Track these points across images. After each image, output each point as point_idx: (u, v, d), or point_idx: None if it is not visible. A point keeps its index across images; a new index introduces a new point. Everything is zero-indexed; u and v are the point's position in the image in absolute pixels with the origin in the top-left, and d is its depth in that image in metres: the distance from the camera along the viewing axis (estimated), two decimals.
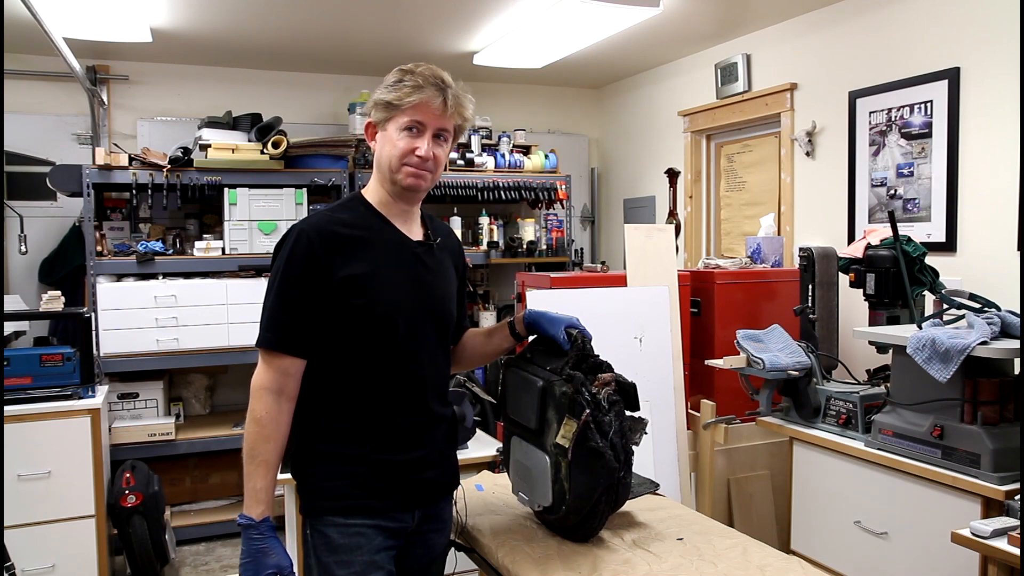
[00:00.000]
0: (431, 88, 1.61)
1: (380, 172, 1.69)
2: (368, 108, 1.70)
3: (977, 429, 2.22)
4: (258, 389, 1.61)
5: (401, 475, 1.67)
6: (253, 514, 1.59)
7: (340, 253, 1.61)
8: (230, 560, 3.92)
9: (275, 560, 1.57)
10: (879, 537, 2.51)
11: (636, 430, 1.78)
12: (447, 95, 1.62)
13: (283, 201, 4.18)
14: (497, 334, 1.89)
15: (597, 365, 1.75)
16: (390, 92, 1.62)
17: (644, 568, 1.64)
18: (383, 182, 1.69)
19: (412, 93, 1.60)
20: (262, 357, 1.62)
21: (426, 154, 1.62)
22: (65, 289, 3.94)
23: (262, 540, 1.58)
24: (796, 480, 2.87)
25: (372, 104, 1.67)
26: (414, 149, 1.62)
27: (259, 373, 1.61)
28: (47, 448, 3.22)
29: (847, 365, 3.02)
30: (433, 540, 1.78)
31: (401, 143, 1.62)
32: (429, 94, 1.60)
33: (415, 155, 1.62)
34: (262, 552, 1.57)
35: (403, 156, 1.63)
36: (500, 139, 4.87)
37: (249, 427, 1.61)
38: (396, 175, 1.65)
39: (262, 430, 1.59)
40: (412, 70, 1.63)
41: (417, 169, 1.64)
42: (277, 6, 3.65)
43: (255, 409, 1.60)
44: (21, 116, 4.34)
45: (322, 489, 1.65)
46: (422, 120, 1.62)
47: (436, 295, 1.73)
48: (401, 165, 1.63)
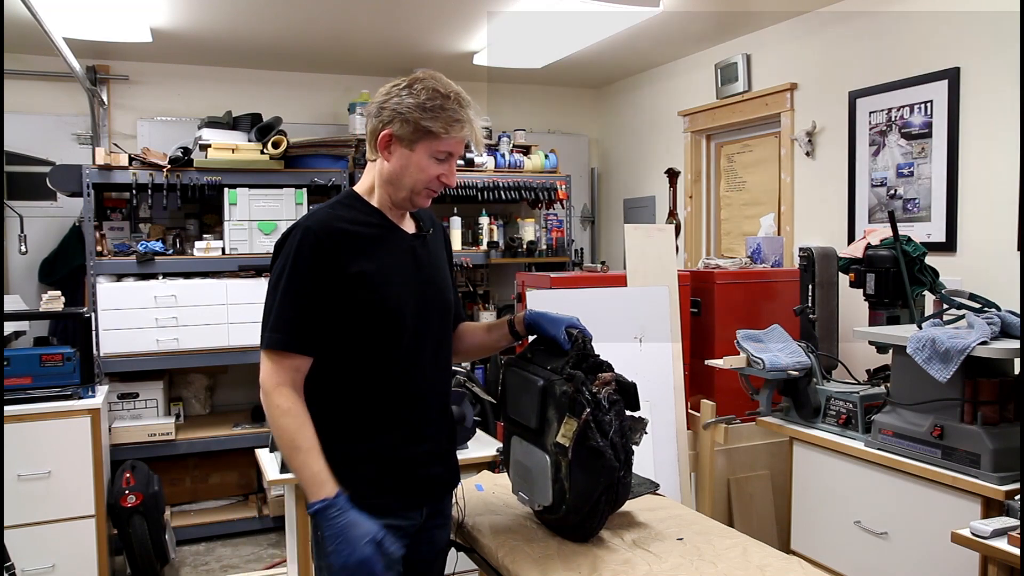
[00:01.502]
0: (469, 124, 1.63)
1: (391, 186, 1.67)
2: (388, 117, 1.62)
3: (977, 429, 2.22)
4: (274, 387, 1.58)
5: (408, 471, 1.68)
6: (324, 494, 1.53)
7: (347, 250, 1.61)
8: (230, 560, 3.93)
9: (364, 529, 1.53)
10: (879, 537, 2.51)
11: (636, 430, 1.78)
12: (475, 127, 1.64)
13: (283, 201, 4.18)
14: (496, 331, 1.90)
15: (597, 365, 1.75)
16: (433, 119, 1.58)
17: (644, 568, 1.64)
18: (391, 194, 1.68)
19: (456, 128, 1.60)
20: (269, 358, 1.59)
21: (452, 182, 1.67)
22: (65, 289, 3.94)
23: (343, 514, 1.53)
24: (796, 480, 2.87)
25: (400, 119, 1.59)
26: (440, 176, 1.65)
27: (270, 374, 1.59)
28: (47, 448, 3.23)
29: (847, 365, 3.02)
30: (437, 536, 1.80)
31: (431, 170, 1.64)
32: (468, 130, 1.62)
33: (440, 181, 1.65)
34: (349, 526, 1.52)
35: (430, 182, 1.65)
36: (500, 139, 4.87)
37: (280, 421, 1.57)
38: (415, 196, 1.67)
39: (295, 419, 1.57)
40: (446, 94, 1.61)
41: (434, 192, 1.68)
42: (277, 6, 3.65)
43: (279, 404, 1.57)
44: (21, 116, 4.34)
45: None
46: (454, 152, 1.65)
47: (436, 286, 1.75)
48: (424, 188, 1.66)
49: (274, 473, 2.81)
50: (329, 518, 1.52)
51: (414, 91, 1.60)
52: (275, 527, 4.15)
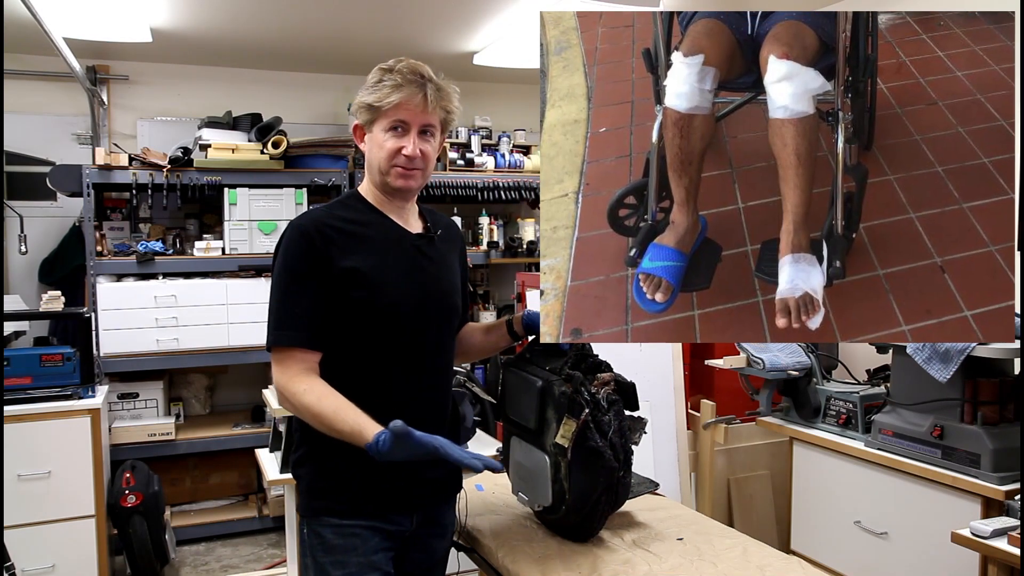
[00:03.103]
0: (411, 86, 1.59)
1: (371, 173, 1.68)
2: (354, 110, 1.68)
3: (977, 429, 2.22)
4: (288, 380, 1.55)
5: (401, 474, 1.64)
6: (374, 433, 1.47)
7: (338, 245, 1.60)
8: (230, 560, 3.93)
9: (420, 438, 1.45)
10: (879, 537, 2.50)
11: (635, 430, 1.78)
12: (427, 90, 1.60)
13: (283, 201, 4.18)
14: (494, 332, 1.89)
15: (596, 365, 1.75)
16: (371, 93, 1.61)
17: (644, 568, 1.64)
18: (375, 183, 1.69)
19: (392, 93, 1.58)
20: (277, 358, 1.58)
21: (412, 153, 1.61)
22: (65, 289, 3.93)
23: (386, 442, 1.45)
24: (796, 480, 2.87)
25: (356, 106, 1.65)
26: (400, 149, 1.61)
27: (281, 371, 1.57)
28: (47, 448, 3.22)
29: (847, 365, 3.02)
30: (433, 545, 1.76)
31: (388, 144, 1.61)
32: (409, 92, 1.59)
33: (402, 155, 1.61)
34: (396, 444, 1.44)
35: (391, 157, 1.62)
36: (500, 139, 4.87)
37: (302, 400, 1.53)
38: (387, 177, 1.64)
39: (313, 393, 1.53)
40: (391, 68, 1.61)
41: (405, 169, 1.63)
42: (277, 6, 3.65)
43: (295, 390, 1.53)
44: (21, 116, 4.34)
45: (319, 489, 1.65)
46: (405, 119, 1.60)
47: (440, 287, 1.72)
48: (390, 167, 1.63)
49: (274, 473, 2.81)
50: (382, 442, 1.45)
51: (369, 77, 1.64)
52: (275, 527, 4.15)
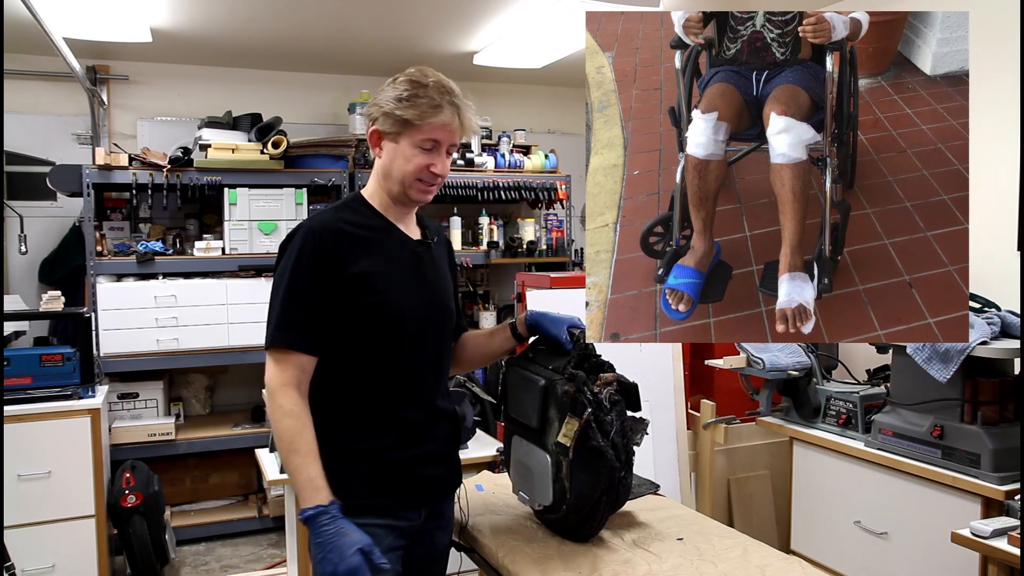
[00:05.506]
0: (449, 108, 1.61)
1: (387, 181, 1.68)
2: (374, 114, 1.66)
3: (977, 429, 2.22)
4: (279, 387, 1.58)
5: (407, 472, 1.67)
6: (317, 501, 1.51)
7: (349, 250, 1.61)
8: (230, 560, 3.93)
9: (355, 538, 1.49)
10: (879, 537, 2.51)
11: (637, 430, 1.78)
12: (461, 114, 1.63)
13: (283, 201, 4.18)
14: (498, 335, 1.90)
15: (599, 365, 1.76)
16: (406, 109, 1.60)
17: (644, 568, 1.65)
18: (388, 190, 1.69)
19: (431, 114, 1.59)
20: (274, 358, 1.60)
21: (442, 172, 1.65)
22: (65, 289, 3.93)
23: (334, 522, 1.50)
24: (796, 480, 2.87)
25: (381, 113, 1.63)
26: (429, 166, 1.63)
27: (275, 374, 1.59)
28: (47, 448, 3.22)
29: (847, 365, 3.02)
30: (437, 538, 1.79)
31: (416, 159, 1.62)
32: (449, 115, 1.61)
33: (430, 171, 1.64)
34: (338, 534, 1.48)
35: (418, 172, 1.63)
36: (500, 139, 4.87)
37: (282, 422, 1.56)
38: (409, 190, 1.66)
39: (297, 421, 1.56)
40: (424, 83, 1.61)
41: (429, 185, 1.66)
42: (277, 6, 3.65)
43: (282, 404, 1.56)
44: (21, 116, 4.34)
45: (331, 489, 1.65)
46: (439, 139, 1.63)
47: (439, 292, 1.75)
48: (415, 180, 1.64)
49: (274, 473, 2.81)
50: (320, 525, 1.49)
51: (396, 84, 1.63)
52: (275, 527, 4.15)
